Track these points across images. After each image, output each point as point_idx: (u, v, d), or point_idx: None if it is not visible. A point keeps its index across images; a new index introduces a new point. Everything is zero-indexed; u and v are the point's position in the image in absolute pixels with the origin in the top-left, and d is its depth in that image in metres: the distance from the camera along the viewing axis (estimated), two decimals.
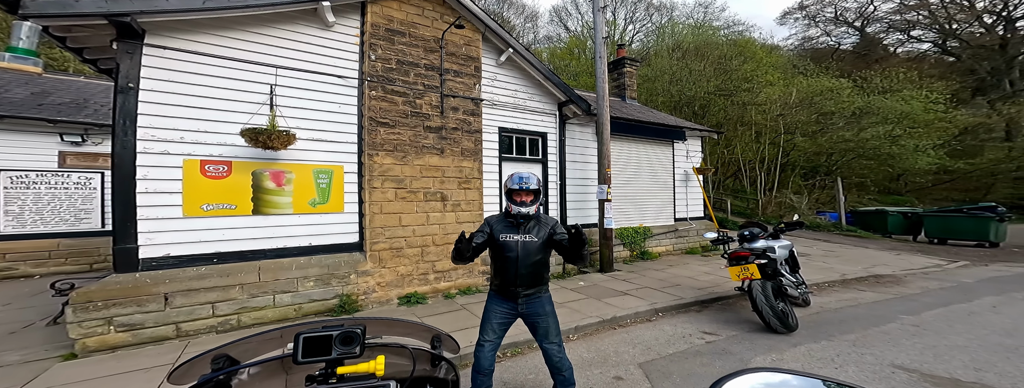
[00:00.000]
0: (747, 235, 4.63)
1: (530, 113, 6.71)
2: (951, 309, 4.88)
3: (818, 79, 16.71)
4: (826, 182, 15.84)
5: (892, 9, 29.74)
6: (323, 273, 4.66)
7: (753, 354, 3.40)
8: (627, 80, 10.61)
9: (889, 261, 7.99)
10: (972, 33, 28.04)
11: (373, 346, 1.12)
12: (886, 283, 6.38)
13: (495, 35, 6.18)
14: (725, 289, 5.68)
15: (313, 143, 4.79)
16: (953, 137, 18.65)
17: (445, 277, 5.52)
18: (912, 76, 18.00)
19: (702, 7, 26.73)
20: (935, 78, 19.91)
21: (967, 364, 3.17)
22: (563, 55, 23.92)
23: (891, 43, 30.78)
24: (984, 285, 6.25)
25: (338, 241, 4.90)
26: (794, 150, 16.07)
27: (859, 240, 10.98)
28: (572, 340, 3.96)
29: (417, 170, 5.42)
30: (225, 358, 1.03)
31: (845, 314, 4.65)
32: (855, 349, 3.46)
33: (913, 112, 15.40)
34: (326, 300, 4.66)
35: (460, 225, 5.69)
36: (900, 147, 15.24)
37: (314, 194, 4.74)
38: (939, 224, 11.02)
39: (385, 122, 5.21)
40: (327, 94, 4.94)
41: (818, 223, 12.71)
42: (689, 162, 9.30)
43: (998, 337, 3.85)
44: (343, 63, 5.08)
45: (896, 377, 2.90)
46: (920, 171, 17.02)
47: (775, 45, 27.48)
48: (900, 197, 19.07)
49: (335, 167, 4.90)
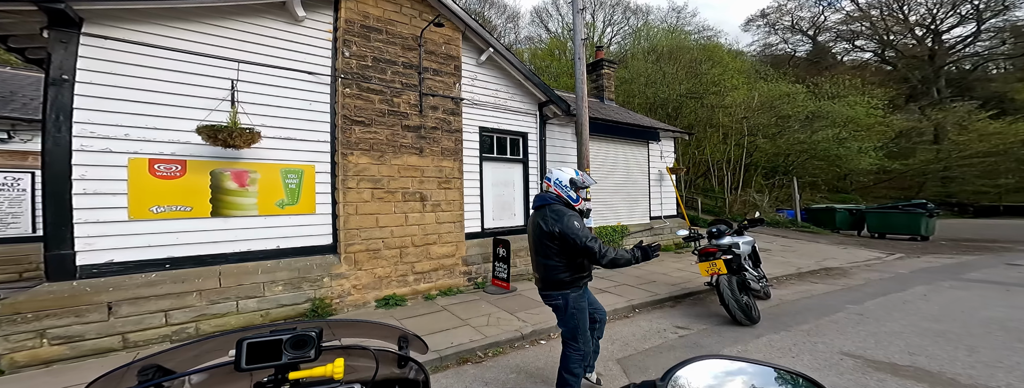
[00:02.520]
0: (714, 232, 4.35)
1: (511, 113, 5.89)
2: (889, 298, 4.75)
3: (777, 84, 16.15)
4: (784, 181, 15.36)
5: (839, 19, 29.21)
6: (293, 277, 3.86)
7: (721, 347, 3.22)
8: (605, 81, 9.76)
9: (837, 255, 7.67)
10: (906, 44, 27.65)
11: (332, 349, 0.93)
12: (835, 275, 6.16)
13: (475, 34, 5.33)
14: (696, 284, 5.15)
15: (281, 142, 3.94)
16: (890, 140, 18.30)
17: (425, 278, 4.74)
18: (856, 83, 17.49)
19: (675, 12, 25.72)
20: (875, 85, 19.44)
21: (903, 349, 3.14)
22: (544, 56, 22.35)
23: (838, 52, 30.35)
24: (917, 275, 6.09)
25: (310, 243, 4.08)
26: (757, 151, 15.52)
27: (812, 235, 10.53)
28: (553, 338, 3.53)
29: (395, 170, 4.59)
30: (155, 368, 0.83)
31: (800, 305, 4.47)
32: (809, 338, 3.37)
33: (857, 116, 15.01)
34: (297, 305, 3.86)
35: (440, 225, 4.89)
36: (846, 149, 14.83)
37: (282, 195, 3.90)
38: (879, 220, 10.66)
39: (360, 120, 4.37)
40: (296, 91, 4.08)
41: (777, 220, 12.23)
42: (663, 162, 8.59)
43: (928, 323, 3.82)
44: (314, 59, 4.21)
45: (844, 363, 2.84)
46: (863, 171, 16.65)
47: (740, 51, 26.12)
48: (847, 195, 18.74)
49: (306, 167, 4.06)
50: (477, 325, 3.75)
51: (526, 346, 3.38)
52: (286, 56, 4.04)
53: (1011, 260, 7.29)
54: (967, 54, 26.92)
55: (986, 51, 26.79)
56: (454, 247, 5.01)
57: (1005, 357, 2.93)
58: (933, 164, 19.18)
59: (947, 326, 3.66)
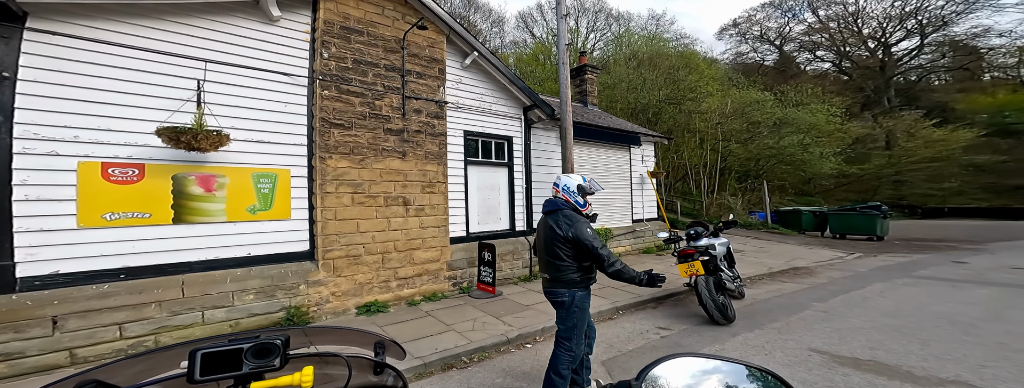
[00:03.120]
0: (693, 234, 4.32)
1: (496, 117, 5.69)
2: (850, 295, 4.79)
3: (747, 91, 16.34)
4: (755, 185, 15.60)
5: (802, 30, 30.26)
6: (266, 285, 3.53)
7: (701, 346, 3.19)
8: (589, 87, 9.58)
9: (804, 255, 7.75)
10: (860, 55, 28.91)
11: (300, 357, 0.86)
12: (802, 275, 6.19)
13: (460, 38, 5.10)
14: (676, 285, 5.05)
15: (253, 145, 3.62)
16: (848, 145, 18.91)
17: (408, 284, 4.47)
18: (817, 91, 18.02)
19: (655, 19, 25.80)
20: (834, 94, 20.10)
21: (864, 344, 3.17)
22: (529, 60, 21.86)
23: (802, 61, 31.37)
24: (874, 273, 6.17)
25: (284, 250, 3.76)
26: (731, 156, 15.72)
27: (781, 236, 10.67)
28: (539, 342, 3.42)
29: (377, 174, 4.32)
30: (94, 383, 0.72)
31: (772, 304, 4.46)
32: (780, 336, 3.37)
33: (818, 123, 15.41)
34: (271, 313, 3.54)
35: (424, 230, 4.64)
36: (809, 154, 15.21)
37: (254, 200, 3.58)
38: (840, 221, 10.89)
39: (340, 123, 4.08)
40: (270, 92, 3.76)
41: (750, 222, 12.35)
42: (644, 166, 8.55)
43: (885, 318, 3.86)
44: (290, 60, 3.90)
45: (812, 359, 2.86)
46: (825, 175, 17.12)
47: (714, 58, 26.33)
48: (811, 198, 19.17)
49: (280, 171, 3.75)
50: (462, 330, 3.54)
51: (512, 350, 3.26)
52: (259, 56, 3.72)
53: (956, 258, 7.53)
54: (913, 66, 28.38)
55: (929, 63, 28.35)
56: (438, 252, 4.76)
57: (953, 349, 3.02)
58: (886, 169, 19.99)
59: (902, 321, 3.73)
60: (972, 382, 2.46)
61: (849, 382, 2.45)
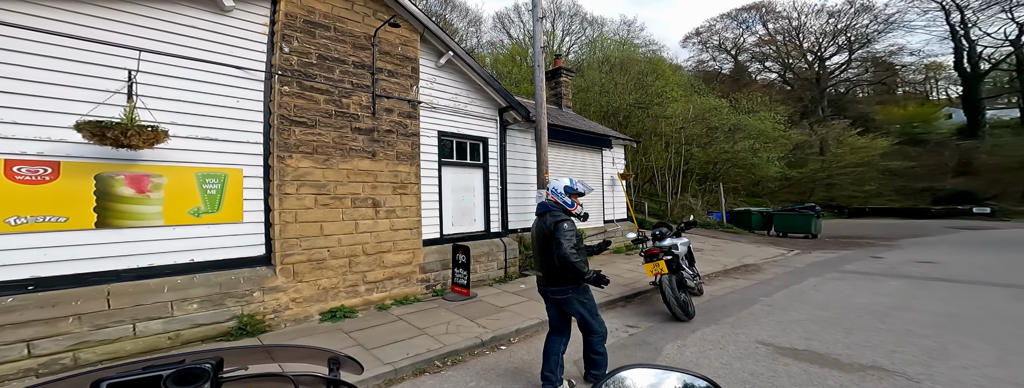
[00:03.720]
0: (658, 234, 4.30)
1: (471, 118, 5.44)
2: (790, 290, 4.96)
3: (707, 98, 16.76)
4: (713, 187, 16.24)
5: (754, 42, 32.13)
6: (213, 293, 3.11)
7: (665, 342, 3.20)
8: (563, 89, 9.42)
9: (753, 253, 8.05)
10: (801, 68, 31.17)
11: (237, 379, 0.75)
12: (752, 271, 6.37)
13: (434, 37, 4.81)
14: (644, 284, 5.08)
15: (197, 142, 3.16)
16: (789, 151, 20.20)
17: (378, 288, 4.16)
18: (765, 100, 19.03)
19: (626, 25, 25.27)
20: (779, 103, 21.23)
21: (801, 335, 3.30)
22: (506, 62, 21.19)
23: (753, 71, 33.15)
24: (810, 269, 6.43)
25: (235, 255, 3.34)
26: (692, 159, 16.20)
27: (735, 235, 11.09)
28: (514, 343, 3.29)
29: (343, 174, 3.96)
30: None
31: (726, 300, 4.54)
32: (733, 330, 3.45)
33: (766, 130, 16.21)
34: (219, 323, 3.13)
35: (395, 232, 4.34)
36: (759, 158, 16.02)
37: (198, 202, 3.13)
38: (782, 221, 11.53)
39: (302, 121, 3.68)
40: (220, 87, 3.30)
41: (708, 222, 12.72)
42: (615, 168, 8.61)
43: (819, 311, 4.02)
44: (244, 53, 3.45)
45: (759, 352, 2.93)
46: (771, 178, 18.19)
47: (678, 65, 26.31)
48: (759, 199, 20.05)
49: (231, 170, 3.31)
50: (435, 334, 3.32)
51: (486, 352, 3.11)
52: (208, 48, 3.25)
53: (874, 253, 7.98)
54: (842, 79, 31.00)
55: (855, 77, 31.14)
56: (411, 254, 4.48)
57: (871, 337, 3.20)
58: (820, 172, 21.64)
59: (832, 313, 3.90)
60: (885, 366, 2.64)
61: (789, 371, 2.55)
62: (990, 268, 6.25)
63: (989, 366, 2.62)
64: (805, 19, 30.16)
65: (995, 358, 2.76)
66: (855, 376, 2.48)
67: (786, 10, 31.16)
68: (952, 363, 2.69)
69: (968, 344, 3.04)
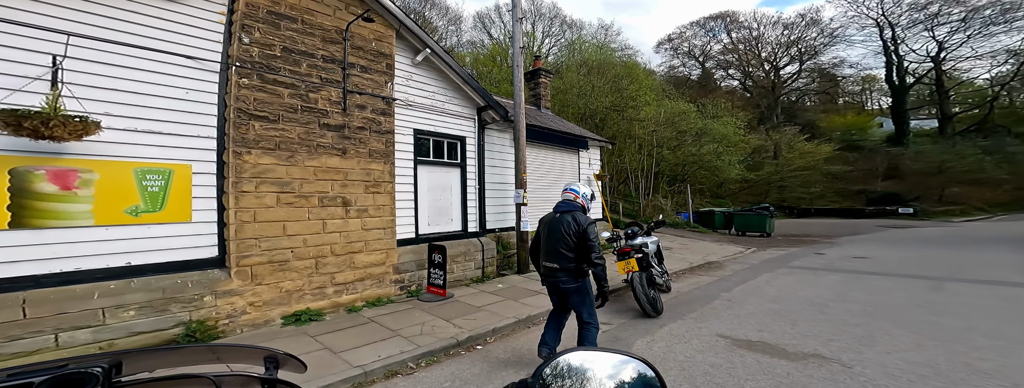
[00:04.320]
0: (630, 233, 4.29)
1: (449, 116, 5.21)
2: (747, 285, 5.07)
3: (677, 103, 17.04)
4: (681, 188, 16.65)
5: (719, 50, 33.47)
6: (155, 298, 2.74)
7: (635, 338, 3.18)
8: (542, 90, 9.25)
9: (716, 251, 8.27)
10: (759, 76, 32.81)
11: (139, 383, 0.64)
12: (714, 268, 6.49)
13: (411, 33, 4.54)
14: (617, 282, 5.00)
15: (138, 135, 2.77)
16: (748, 154, 21.22)
17: (348, 289, 3.87)
18: (728, 106, 19.77)
19: (603, 29, 25.05)
20: (739, 109, 22.15)
21: (755, 327, 3.38)
22: (486, 61, 19.92)
23: (718, 78, 34.44)
24: (763, 265, 6.66)
25: (183, 257, 2.97)
26: (663, 161, 16.55)
27: (700, 235, 11.40)
28: (490, 343, 3.17)
29: (310, 172, 3.64)
30: None
31: (691, 296, 4.59)
32: (697, 325, 3.49)
33: (728, 134, 16.84)
34: (162, 331, 2.76)
35: (367, 232, 4.05)
36: (722, 161, 16.69)
37: (137, 200, 2.74)
38: (741, 220, 12.00)
39: (263, 116, 3.34)
40: (166, 77, 2.91)
41: (676, 222, 12.99)
42: (591, 169, 8.61)
43: (770, 304, 4.14)
44: (197, 42, 3.07)
45: (719, 344, 3.00)
46: (733, 180, 19.02)
47: (652, 70, 26.16)
48: (722, 200, 20.75)
49: (177, 166, 2.93)
50: (409, 335, 3.11)
51: (462, 353, 2.96)
52: (153, 35, 2.84)
53: (818, 250, 8.38)
54: (794, 88, 33.00)
55: (804, 86, 33.24)
56: (384, 255, 4.21)
57: (813, 327, 3.34)
58: (773, 175, 22.90)
59: (781, 306, 4.03)
60: (824, 354, 2.75)
61: (744, 362, 2.62)
62: (912, 262, 6.72)
63: (908, 351, 2.79)
64: (763, 30, 31.79)
65: (913, 343, 2.94)
66: (799, 364, 2.58)
67: (748, 20, 32.49)
68: (878, 349, 2.83)
69: (891, 331, 3.21)
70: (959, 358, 2.65)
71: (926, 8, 25.16)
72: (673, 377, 2.41)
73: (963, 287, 4.80)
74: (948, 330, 3.24)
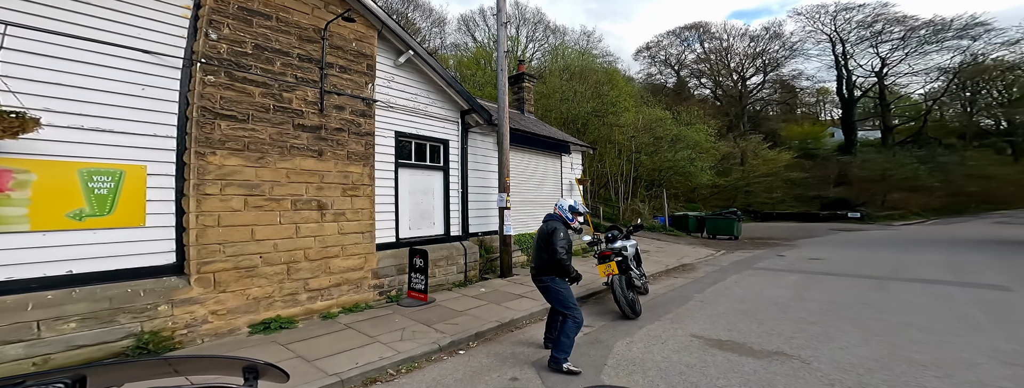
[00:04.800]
0: (610, 237, 4.26)
1: (432, 119, 5.06)
2: (717, 286, 5.19)
3: (654, 110, 17.38)
4: (658, 193, 16.98)
5: (693, 59, 34.61)
6: (100, 309, 2.46)
7: (615, 340, 3.18)
8: (526, 94, 9.15)
9: (690, 253, 8.47)
10: (728, 85, 34.17)
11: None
12: (688, 270, 6.61)
13: (394, 34, 4.37)
14: (598, 285, 5.03)
15: (83, 133, 2.49)
16: (718, 161, 22.00)
17: (323, 295, 3.65)
18: (700, 114, 20.36)
19: (586, 36, 24.95)
20: (711, 117, 22.65)
21: (725, 327, 3.46)
22: (469, 64, 19.25)
23: (692, 86, 35.33)
24: (732, 267, 6.86)
25: (135, 264, 2.69)
26: (641, 166, 16.87)
27: (675, 238, 11.64)
28: (473, 347, 3.08)
29: (283, 174, 3.41)
30: None
31: (668, 298, 4.64)
32: (673, 325, 3.54)
33: (701, 141, 17.28)
34: (108, 343, 2.48)
35: (344, 236, 3.85)
36: (695, 167, 17.22)
37: (82, 203, 2.46)
38: (712, 224, 12.42)
39: (231, 115, 3.09)
40: (119, 71, 2.64)
41: (653, 225, 13.15)
42: (573, 173, 8.65)
43: (738, 304, 4.24)
44: (156, 36, 2.80)
45: (693, 344, 3.05)
46: (705, 185, 19.69)
47: (631, 77, 26.10)
48: (694, 204, 21.09)
49: (130, 167, 2.66)
50: (388, 341, 2.96)
51: (444, 358, 2.85)
52: (105, 27, 2.57)
53: (779, 252, 8.64)
54: (758, 98, 34.65)
55: (767, 97, 35.02)
56: (362, 259, 4.01)
57: (776, 326, 3.46)
58: (740, 181, 23.88)
59: (748, 305, 4.15)
60: (786, 351, 2.85)
61: (716, 361, 2.68)
62: (859, 263, 7.13)
63: (858, 346, 2.93)
64: (733, 41, 33.18)
65: (861, 339, 3.09)
66: (764, 362, 2.66)
67: (719, 31, 33.52)
68: (832, 345, 2.95)
69: (843, 328, 3.37)
70: (900, 352, 2.80)
71: (871, 26, 27.02)
72: (652, 378, 2.43)
73: (902, 286, 5.11)
74: (890, 326, 3.42)
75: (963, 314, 3.79)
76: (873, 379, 2.36)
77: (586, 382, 2.41)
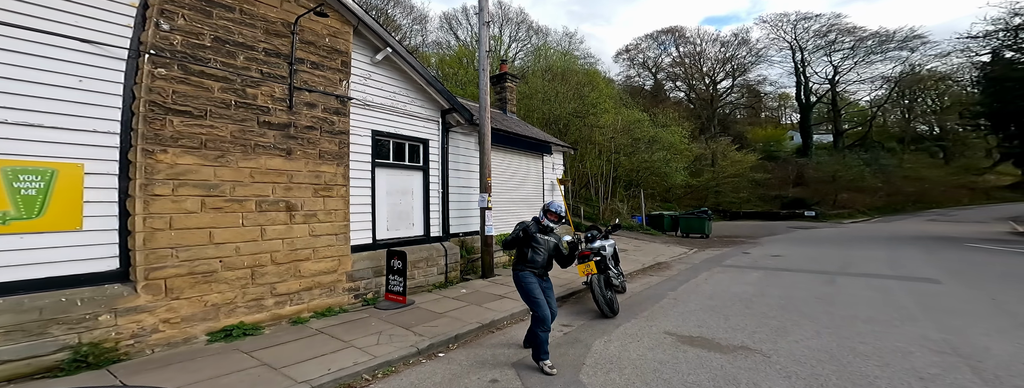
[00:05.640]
0: (589, 237, 4.23)
1: (411, 118, 4.88)
2: (689, 284, 5.31)
3: (632, 111, 17.58)
4: (636, 192, 17.33)
5: (669, 62, 35.59)
6: (27, 321, 2.18)
7: (594, 338, 3.18)
8: (508, 94, 9.01)
9: (665, 252, 8.61)
10: (701, 88, 35.37)
11: None
12: (663, 269, 6.72)
13: (371, 31, 4.17)
14: (577, 285, 5.02)
15: (7, 128, 2.19)
16: (691, 162, 22.73)
17: (292, 300, 3.43)
18: (675, 116, 20.95)
19: (568, 37, 24.91)
20: (685, 119, 23.13)
21: (695, 323, 3.53)
22: (452, 63, 18.94)
23: (668, 89, 36.17)
24: (702, 265, 7.04)
25: (70, 271, 2.40)
26: (620, 167, 17.11)
27: (651, 237, 11.84)
28: (453, 350, 2.99)
29: (245, 174, 3.17)
30: None
31: (643, 296, 4.68)
32: (647, 323, 3.57)
33: (675, 143, 17.61)
34: (38, 357, 2.20)
35: (315, 238, 3.63)
36: (669, 168, 17.74)
37: (6, 205, 2.16)
38: (685, 223, 12.78)
39: (185, 111, 2.83)
40: (50, 61, 2.34)
41: (631, 224, 13.35)
42: (554, 173, 8.66)
43: (707, 301, 4.33)
44: (96, 24, 2.51)
45: (666, 341, 3.09)
46: (679, 185, 20.34)
47: (611, 79, 26.18)
48: (669, 204, 21.65)
49: (64, 165, 2.36)
50: (364, 345, 2.81)
51: (423, 361, 2.75)
52: (31, 12, 2.26)
53: (744, 250, 8.90)
54: (727, 101, 36.12)
55: (735, 100, 36.66)
56: (335, 262, 3.80)
57: (740, 321, 3.56)
58: (711, 182, 24.88)
59: (716, 302, 4.25)
60: (750, 345, 2.95)
61: (687, 357, 2.75)
62: (813, 259, 7.52)
63: (810, 339, 3.08)
64: (705, 46, 34.37)
65: (813, 332, 3.24)
66: (730, 356, 2.75)
67: (693, 36, 34.40)
68: (789, 339, 3.09)
69: (798, 321, 3.52)
70: (846, 343, 2.95)
71: (826, 35, 28.73)
72: (628, 375, 2.45)
73: (849, 280, 5.42)
74: (838, 318, 3.60)
75: (900, 305, 4.03)
76: (824, 370, 2.49)
77: (565, 381, 2.38)
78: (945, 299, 4.32)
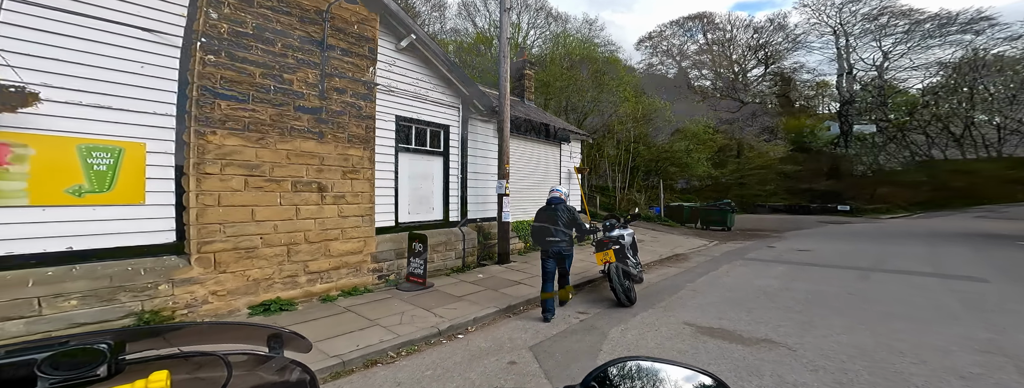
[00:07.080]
0: (607, 225, 4.29)
1: (432, 104, 5.04)
2: (709, 276, 5.28)
3: (653, 100, 17.39)
4: (654, 183, 17.12)
5: (695, 50, 34.17)
6: (100, 287, 2.47)
7: (611, 327, 3.21)
8: (527, 82, 9.07)
9: (683, 243, 8.54)
10: (728, 77, 33.96)
11: (146, 361, 0.62)
12: (681, 260, 6.68)
13: (396, 18, 4.34)
14: (593, 273, 5.07)
15: (82, 109, 2.46)
16: (714, 152, 22.13)
17: (323, 278, 3.67)
18: (700, 105, 20.38)
19: (588, 24, 24.19)
20: (710, 108, 22.49)
21: (715, 315, 3.52)
22: (469, 50, 18.79)
23: (693, 77, 35.12)
24: (723, 257, 6.95)
25: (135, 242, 2.69)
26: (638, 157, 16.74)
27: (670, 228, 11.75)
28: (471, 332, 3.12)
29: (283, 155, 3.40)
30: None
31: (661, 286, 4.70)
32: (665, 313, 3.58)
33: (699, 133, 17.37)
34: (108, 321, 2.49)
35: (344, 219, 3.86)
36: (691, 158, 17.37)
37: (81, 179, 2.44)
38: (706, 215, 12.58)
39: (232, 95, 3.07)
40: (118, 49, 2.61)
41: (649, 215, 13.26)
42: (572, 162, 8.66)
43: (728, 293, 4.32)
44: (156, 14, 2.77)
45: (685, 332, 3.10)
46: (700, 176, 19.91)
47: (632, 67, 25.93)
48: (689, 195, 21.19)
49: (129, 144, 2.64)
50: (388, 324, 3.00)
51: (443, 342, 2.89)
52: (103, 4, 2.53)
53: (769, 243, 8.72)
54: (758, 90, 34.58)
55: (767, 89, 35.08)
56: (361, 243, 4.03)
57: (764, 314, 3.53)
58: (735, 173, 24.31)
59: (737, 294, 4.21)
60: (773, 339, 2.91)
61: (707, 348, 2.75)
62: (845, 254, 7.09)
63: (841, 334, 2.99)
64: (736, 32, 32.70)
65: (845, 327, 3.15)
66: (753, 349, 2.72)
67: (723, 22, 32.97)
68: (817, 333, 3.01)
69: (827, 317, 3.43)
70: (881, 339, 2.87)
71: (877, 19, 26.50)
72: None
73: (885, 276, 5.22)
74: (873, 315, 3.49)
75: (941, 303, 3.88)
76: (854, 365, 2.42)
77: (582, 366, 2.46)
78: (992, 298, 4.11)
